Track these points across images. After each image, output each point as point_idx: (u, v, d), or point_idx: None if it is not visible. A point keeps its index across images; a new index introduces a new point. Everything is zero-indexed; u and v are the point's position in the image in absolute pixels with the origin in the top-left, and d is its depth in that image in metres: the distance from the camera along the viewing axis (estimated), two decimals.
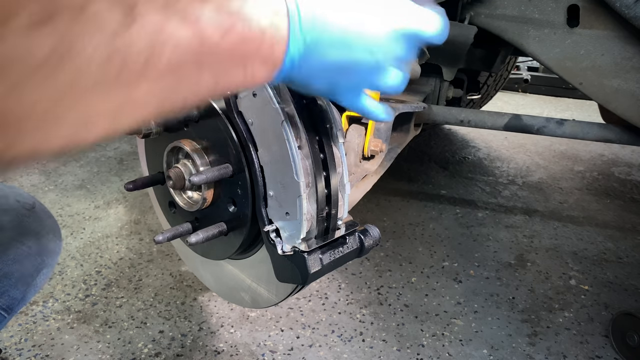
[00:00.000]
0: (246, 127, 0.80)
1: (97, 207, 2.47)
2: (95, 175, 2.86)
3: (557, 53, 1.43)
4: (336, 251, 0.82)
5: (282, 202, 0.78)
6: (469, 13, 1.51)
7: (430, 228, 2.37)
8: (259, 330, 1.67)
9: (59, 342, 1.59)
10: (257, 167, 0.80)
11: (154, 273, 1.95)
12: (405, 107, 1.45)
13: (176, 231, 0.96)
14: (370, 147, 1.34)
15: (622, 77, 1.37)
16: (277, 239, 0.81)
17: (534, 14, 1.43)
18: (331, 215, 0.81)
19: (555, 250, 2.21)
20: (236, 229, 0.91)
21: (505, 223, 2.44)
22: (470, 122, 1.72)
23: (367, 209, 2.52)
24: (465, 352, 1.61)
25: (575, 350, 1.63)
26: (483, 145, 3.49)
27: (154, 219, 2.35)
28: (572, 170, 3.12)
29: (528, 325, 1.74)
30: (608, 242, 2.30)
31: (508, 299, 1.87)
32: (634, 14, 1.23)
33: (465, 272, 2.03)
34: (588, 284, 1.98)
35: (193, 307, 1.77)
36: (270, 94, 0.74)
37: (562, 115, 4.21)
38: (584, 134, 1.61)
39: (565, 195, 2.77)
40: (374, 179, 1.39)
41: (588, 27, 1.37)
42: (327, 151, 0.78)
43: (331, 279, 1.95)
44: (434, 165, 3.14)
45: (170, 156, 0.96)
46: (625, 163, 3.26)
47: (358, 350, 1.60)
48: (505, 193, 2.78)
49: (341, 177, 0.81)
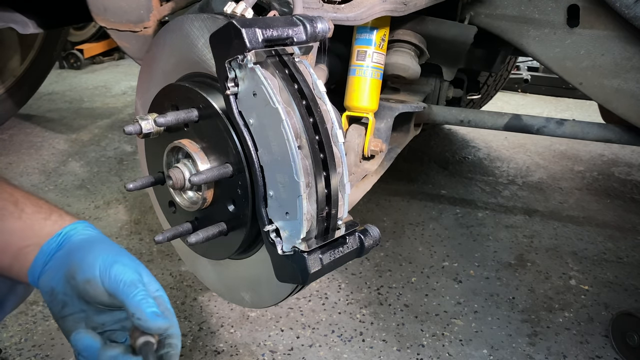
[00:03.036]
0: (246, 127, 0.79)
1: (97, 207, 2.47)
2: (95, 175, 2.86)
3: (557, 53, 1.43)
4: (336, 251, 0.82)
5: (282, 202, 0.78)
6: (469, 13, 1.51)
7: (430, 228, 2.37)
8: (259, 330, 1.67)
9: (59, 342, 1.59)
10: (257, 167, 0.80)
11: (154, 273, 1.94)
12: (405, 107, 1.45)
13: (176, 231, 0.96)
14: (370, 147, 1.34)
15: (622, 77, 1.37)
16: (277, 239, 0.81)
17: (534, 14, 1.43)
18: (331, 215, 0.81)
19: (555, 250, 2.21)
20: (236, 229, 0.91)
21: (505, 223, 2.44)
22: (470, 122, 1.72)
23: (367, 209, 2.52)
24: (465, 352, 1.61)
25: (575, 350, 1.63)
26: (483, 145, 3.49)
27: (154, 219, 2.35)
28: (572, 170, 3.12)
29: (528, 325, 1.74)
30: (608, 242, 2.30)
31: (508, 299, 1.87)
32: (634, 14, 1.23)
33: (465, 272, 2.03)
34: (588, 284, 1.98)
35: (193, 307, 1.77)
36: (270, 94, 0.74)
37: (562, 115, 4.21)
38: (584, 134, 1.61)
39: (565, 195, 2.77)
40: (374, 179, 1.39)
41: (588, 27, 1.37)
42: (327, 151, 0.78)
43: (331, 279, 1.95)
44: (434, 165, 3.14)
45: (170, 156, 0.96)
46: (625, 163, 3.26)
47: (358, 350, 1.61)
48: (505, 193, 2.78)
49: (341, 177, 0.81)
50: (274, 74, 0.77)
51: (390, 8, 1.16)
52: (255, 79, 0.75)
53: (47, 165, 2.99)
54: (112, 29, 1.53)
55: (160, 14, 1.52)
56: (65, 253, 0.78)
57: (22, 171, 2.89)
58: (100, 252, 0.76)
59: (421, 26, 1.48)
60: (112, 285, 0.72)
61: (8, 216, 0.80)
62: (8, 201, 0.82)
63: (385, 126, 1.42)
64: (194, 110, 0.88)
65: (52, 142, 3.35)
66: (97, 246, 0.78)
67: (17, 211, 0.81)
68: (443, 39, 1.49)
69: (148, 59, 1.06)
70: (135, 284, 0.72)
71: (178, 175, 0.90)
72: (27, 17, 2.45)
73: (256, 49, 0.74)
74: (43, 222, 0.81)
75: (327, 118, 0.79)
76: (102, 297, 0.74)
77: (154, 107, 0.99)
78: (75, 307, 0.77)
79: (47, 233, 0.80)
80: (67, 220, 0.82)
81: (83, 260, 0.75)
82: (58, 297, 0.77)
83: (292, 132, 0.74)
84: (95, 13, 1.52)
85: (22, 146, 3.26)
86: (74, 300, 0.76)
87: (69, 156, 3.13)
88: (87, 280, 0.74)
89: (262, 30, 0.74)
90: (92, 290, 0.74)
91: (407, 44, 1.47)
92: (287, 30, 0.77)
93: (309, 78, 0.80)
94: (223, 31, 0.76)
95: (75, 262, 0.75)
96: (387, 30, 1.32)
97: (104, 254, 0.75)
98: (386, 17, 1.28)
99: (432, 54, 1.52)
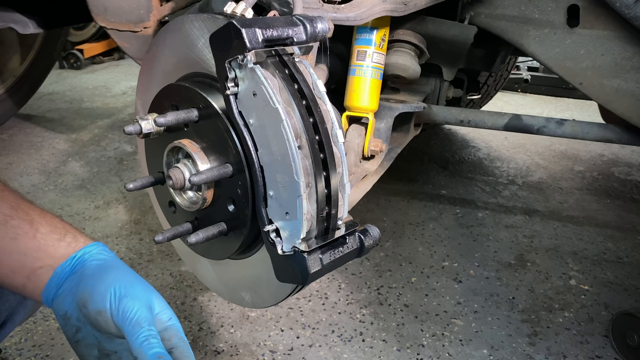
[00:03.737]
0: (246, 127, 0.79)
1: (97, 207, 2.47)
2: (95, 175, 2.86)
3: (557, 53, 1.43)
4: (336, 251, 0.82)
5: (282, 202, 0.78)
6: (469, 13, 1.51)
7: (430, 228, 2.37)
8: (259, 330, 1.67)
9: (59, 342, 1.59)
10: (257, 167, 0.80)
11: (154, 273, 1.96)
12: (405, 107, 1.45)
13: (176, 231, 0.95)
14: (370, 147, 1.34)
15: (622, 77, 1.37)
16: (277, 239, 0.81)
17: (534, 14, 1.43)
18: (331, 215, 0.81)
19: (555, 250, 2.21)
20: (236, 229, 0.90)
21: (505, 223, 2.44)
22: (470, 122, 1.72)
23: (367, 209, 2.52)
24: (465, 352, 1.61)
25: (575, 350, 1.63)
26: (483, 145, 3.49)
27: (154, 219, 2.35)
28: (572, 170, 3.12)
29: (528, 325, 1.74)
30: (608, 242, 2.30)
31: (508, 299, 1.87)
32: (634, 14, 1.23)
33: (465, 272, 2.03)
34: (588, 284, 1.98)
35: (193, 307, 1.77)
36: (270, 94, 0.74)
37: (562, 115, 4.21)
38: (584, 134, 1.61)
39: (565, 195, 2.77)
40: (374, 179, 1.39)
41: (588, 27, 1.37)
42: (327, 151, 0.78)
43: (331, 279, 1.95)
44: (434, 165, 3.14)
45: (170, 156, 0.96)
46: (625, 163, 3.26)
47: (358, 350, 1.61)
48: (505, 193, 2.78)
49: (341, 177, 0.81)
50: (274, 74, 0.77)
51: (390, 8, 1.16)
52: (255, 79, 0.75)
53: (47, 165, 2.99)
54: (112, 29, 1.53)
55: (160, 14, 1.52)
56: (78, 279, 0.78)
57: (22, 171, 2.89)
58: (112, 281, 0.76)
59: (421, 26, 1.48)
60: (120, 321, 0.73)
61: (23, 235, 0.80)
62: (24, 220, 0.82)
63: (385, 126, 1.42)
64: (194, 110, 0.88)
65: (52, 142, 3.35)
66: (109, 274, 0.78)
67: (32, 230, 0.81)
68: (443, 39, 1.49)
69: (148, 59, 1.06)
70: (140, 324, 0.72)
71: (178, 175, 0.90)
72: (27, 17, 2.45)
73: (256, 49, 0.74)
74: (57, 243, 0.81)
75: (327, 118, 0.79)
76: (112, 329, 0.75)
77: (154, 107, 0.99)
78: (88, 333, 0.77)
79: (61, 255, 0.80)
80: (82, 241, 0.83)
81: (94, 290, 0.75)
82: (71, 322, 0.77)
83: (292, 132, 0.74)
84: (95, 13, 1.52)
85: (22, 146, 3.26)
86: (86, 326, 0.77)
87: (69, 156, 3.13)
88: (98, 312, 0.74)
89: (262, 30, 0.74)
90: (103, 322, 0.74)
91: (407, 44, 1.47)
92: (287, 30, 0.77)
93: (309, 78, 0.80)
94: (223, 31, 0.76)
95: (86, 291, 0.76)
96: (387, 30, 1.32)
97: (116, 283, 0.75)
98: (386, 17, 1.28)
99: (432, 54, 1.52)
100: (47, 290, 0.79)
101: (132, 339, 0.71)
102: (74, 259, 0.80)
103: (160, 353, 0.70)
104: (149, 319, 0.74)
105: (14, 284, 0.81)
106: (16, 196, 0.86)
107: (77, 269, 0.79)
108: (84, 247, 0.81)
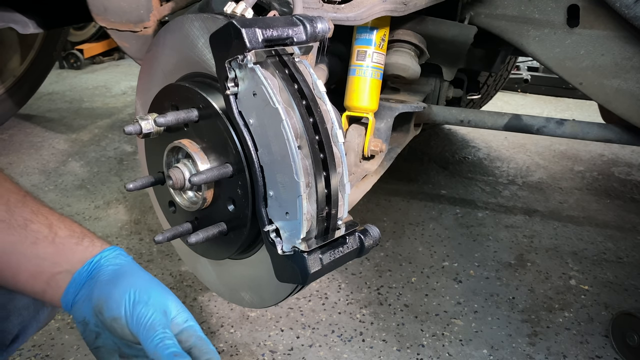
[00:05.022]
0: (246, 127, 0.79)
1: (97, 207, 2.47)
2: (95, 175, 2.86)
3: (557, 53, 1.43)
4: (336, 251, 0.82)
5: (282, 202, 0.78)
6: (469, 13, 1.51)
7: (430, 228, 2.37)
8: (259, 330, 1.67)
9: (59, 342, 1.59)
10: (257, 167, 0.80)
11: (154, 273, 1.95)
12: (405, 107, 1.45)
13: (176, 231, 0.95)
14: (370, 147, 1.34)
15: (622, 77, 1.37)
16: (277, 239, 0.81)
17: (534, 14, 1.43)
18: (331, 215, 0.81)
19: (555, 250, 2.21)
20: (236, 229, 0.90)
21: (505, 223, 2.44)
22: (470, 122, 1.72)
23: (367, 209, 2.52)
24: (465, 352, 1.61)
25: (575, 350, 1.63)
26: (483, 145, 3.49)
27: (154, 219, 2.35)
28: (572, 170, 3.12)
29: (528, 325, 1.74)
30: (608, 242, 2.30)
31: (508, 299, 1.87)
32: (634, 14, 1.23)
33: (465, 272, 2.03)
34: (588, 284, 1.98)
35: (193, 307, 1.77)
36: (270, 94, 0.74)
37: (562, 115, 4.21)
38: (584, 134, 1.61)
39: (565, 195, 2.77)
40: (374, 179, 1.39)
41: (588, 27, 1.37)
42: (327, 151, 0.78)
43: (331, 279, 1.95)
44: (434, 165, 3.14)
45: (170, 156, 0.96)
46: (625, 163, 3.26)
47: (358, 350, 1.61)
48: (505, 193, 2.78)
49: (341, 177, 0.81)
50: (274, 74, 0.77)
51: (390, 8, 1.16)
52: (255, 79, 0.75)
53: (47, 165, 2.99)
54: (112, 29, 1.53)
55: (160, 14, 1.52)
56: (95, 284, 0.78)
57: (22, 171, 2.89)
58: (126, 287, 0.76)
59: (421, 26, 1.48)
60: (135, 328, 0.73)
61: (42, 240, 0.81)
62: (43, 224, 0.82)
63: (385, 126, 1.42)
64: (194, 110, 0.88)
65: (52, 142, 3.35)
66: (124, 280, 0.78)
67: (50, 234, 0.82)
68: (443, 39, 1.49)
69: (148, 59, 1.06)
70: (154, 328, 0.72)
71: (178, 175, 0.90)
72: (27, 17, 2.45)
73: (256, 49, 0.74)
74: (75, 247, 0.82)
75: (327, 118, 0.79)
76: (128, 335, 0.75)
77: (154, 107, 0.99)
78: (108, 339, 0.78)
79: (78, 259, 0.81)
80: (98, 246, 0.83)
81: (109, 296, 0.75)
82: (90, 328, 0.78)
83: (292, 132, 0.74)
84: (95, 13, 1.52)
85: (22, 146, 3.26)
86: (105, 332, 0.77)
87: (69, 156, 3.13)
88: (114, 319, 0.74)
89: (262, 30, 0.74)
90: (119, 328, 0.74)
91: (407, 44, 1.47)
92: (287, 30, 0.77)
93: (309, 78, 0.80)
94: (223, 31, 0.75)
95: (102, 298, 0.76)
96: (387, 30, 1.32)
97: (130, 289, 0.75)
98: (386, 17, 1.28)
99: (432, 54, 1.52)
100: (65, 297, 0.80)
101: (147, 343, 0.71)
102: (90, 264, 0.80)
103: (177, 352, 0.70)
104: (164, 322, 0.74)
105: (35, 289, 0.82)
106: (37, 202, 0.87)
107: (94, 274, 0.79)
108: (101, 252, 0.82)
